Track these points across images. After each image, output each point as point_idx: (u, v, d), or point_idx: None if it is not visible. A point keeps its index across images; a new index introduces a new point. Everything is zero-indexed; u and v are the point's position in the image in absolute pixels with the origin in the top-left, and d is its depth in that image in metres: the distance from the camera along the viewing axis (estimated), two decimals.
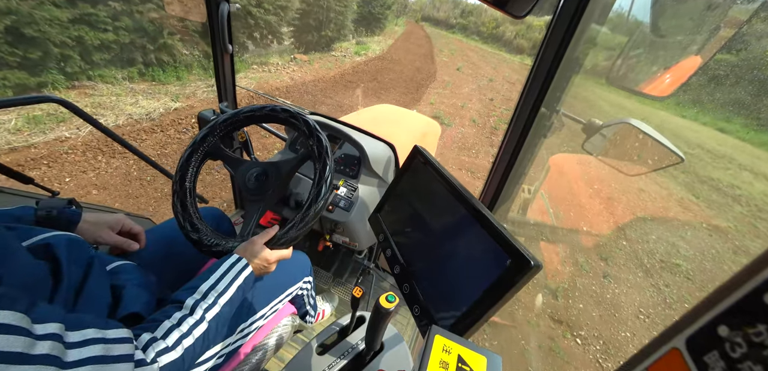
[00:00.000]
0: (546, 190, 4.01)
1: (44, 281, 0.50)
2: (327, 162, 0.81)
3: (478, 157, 5.40)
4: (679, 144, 6.70)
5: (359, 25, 14.78)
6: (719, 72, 8.69)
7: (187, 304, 0.59)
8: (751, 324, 0.19)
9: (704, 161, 6.27)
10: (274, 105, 0.91)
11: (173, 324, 0.55)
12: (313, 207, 0.78)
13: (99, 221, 0.76)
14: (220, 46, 1.40)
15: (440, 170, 0.72)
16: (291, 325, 1.07)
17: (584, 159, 4.90)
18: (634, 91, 1.00)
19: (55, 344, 0.37)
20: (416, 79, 9.98)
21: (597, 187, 4.66)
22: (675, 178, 5.39)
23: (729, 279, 0.21)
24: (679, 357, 0.23)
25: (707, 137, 7.83)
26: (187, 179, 0.87)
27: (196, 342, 0.56)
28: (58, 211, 0.71)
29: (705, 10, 0.86)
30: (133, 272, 0.69)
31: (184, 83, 6.13)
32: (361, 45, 12.90)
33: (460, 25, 24.83)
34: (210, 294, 0.62)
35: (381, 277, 1.73)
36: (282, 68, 8.31)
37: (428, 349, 0.44)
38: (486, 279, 0.54)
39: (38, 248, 0.55)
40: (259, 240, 0.76)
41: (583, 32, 0.83)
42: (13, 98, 1.07)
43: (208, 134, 0.91)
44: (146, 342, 0.51)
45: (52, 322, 0.38)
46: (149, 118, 4.70)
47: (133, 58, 5.72)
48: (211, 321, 0.60)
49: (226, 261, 0.69)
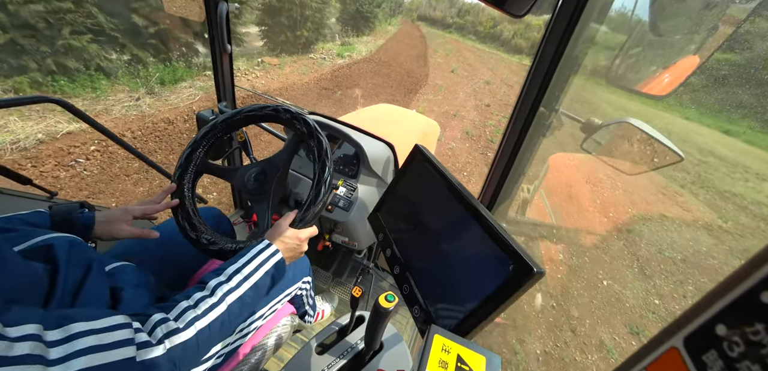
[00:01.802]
0: (545, 189, 4.01)
1: (38, 285, 0.49)
2: (321, 139, 0.83)
3: (470, 180, 4.55)
4: (690, 150, 6.30)
5: (346, 25, 13.97)
6: (723, 72, 8.52)
7: (210, 285, 0.58)
8: (749, 323, 0.20)
9: (720, 171, 5.90)
10: (276, 105, 0.91)
11: (189, 305, 0.53)
12: (327, 168, 0.79)
13: (111, 218, 0.76)
14: (219, 46, 1.40)
15: (441, 170, 0.72)
16: (290, 325, 1.07)
17: (585, 158, 4.83)
18: (633, 90, 1.00)
19: (36, 343, 0.36)
20: (405, 83, 9.01)
21: (603, 205, 4.32)
22: (696, 195, 4.97)
23: (726, 279, 0.21)
24: (677, 356, 0.23)
25: (714, 141, 7.54)
26: (186, 179, 0.87)
27: (211, 325, 0.54)
28: (72, 216, 0.71)
29: (703, 9, 0.86)
30: (132, 273, 0.69)
31: (100, 96, 4.76)
32: (346, 46, 11.69)
33: (457, 25, 24.69)
34: (234, 277, 0.61)
35: (380, 277, 1.73)
36: (242, 75, 7.11)
37: (428, 348, 0.44)
38: (488, 284, 0.54)
39: (37, 250, 0.55)
40: (284, 222, 0.75)
41: (582, 31, 0.83)
42: (12, 98, 1.07)
43: (207, 133, 0.91)
44: (156, 321, 0.49)
45: (28, 324, 0.37)
46: (17, 147, 3.31)
47: (24, 65, 4.27)
48: (232, 304, 0.58)
49: (255, 247, 0.67)
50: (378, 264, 1.74)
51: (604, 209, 4.25)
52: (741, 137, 7.82)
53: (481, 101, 8.65)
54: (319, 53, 10.16)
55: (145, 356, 0.45)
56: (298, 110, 0.91)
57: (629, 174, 1.09)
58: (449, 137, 5.97)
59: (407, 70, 10.34)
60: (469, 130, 6.49)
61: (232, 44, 1.44)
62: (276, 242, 0.71)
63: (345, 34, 13.61)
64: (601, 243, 3.60)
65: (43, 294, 0.50)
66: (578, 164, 5.14)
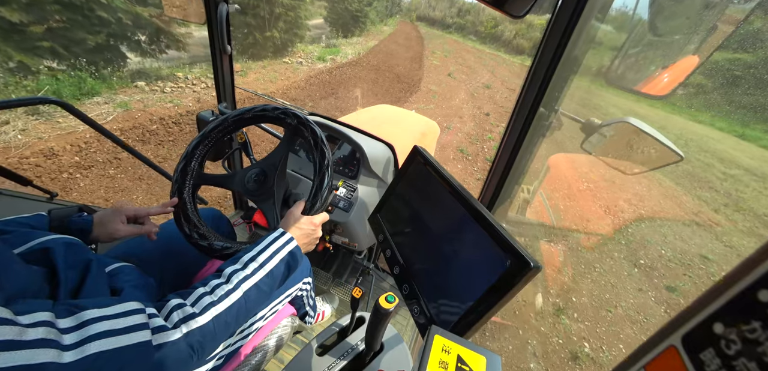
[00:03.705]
0: (545, 190, 4.00)
1: (38, 288, 0.49)
2: (314, 129, 0.83)
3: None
4: (712, 163, 6.02)
5: (335, 25, 13.05)
6: (736, 73, 8.19)
7: (225, 273, 0.58)
8: (746, 321, 0.20)
9: (753, 188, 5.24)
10: (265, 105, 0.92)
11: (205, 291, 0.54)
12: (326, 155, 0.80)
13: (104, 220, 0.76)
14: (219, 47, 1.41)
15: (440, 171, 0.72)
16: (291, 326, 1.07)
17: (586, 159, 4.71)
18: (632, 90, 1.01)
19: (49, 329, 0.36)
20: (393, 90, 8.06)
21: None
22: (735, 224, 4.16)
23: (724, 277, 0.21)
24: (675, 355, 0.23)
25: (732, 147, 7.06)
26: (185, 185, 0.87)
27: (228, 311, 0.54)
28: (70, 221, 0.71)
29: (702, 9, 0.86)
30: (131, 274, 0.69)
31: None
32: (330, 48, 10.73)
33: (457, 25, 24.56)
34: (250, 264, 0.61)
35: (380, 277, 1.73)
36: (187, 85, 5.74)
37: (428, 349, 0.44)
38: (486, 280, 0.54)
39: (35, 252, 0.55)
40: (296, 210, 0.75)
41: (582, 31, 0.83)
42: (12, 99, 1.07)
43: (201, 141, 0.91)
44: (172, 307, 0.49)
45: (40, 312, 0.37)
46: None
47: None
48: (248, 290, 0.58)
49: (270, 235, 0.68)
50: (378, 265, 1.74)
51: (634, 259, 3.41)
52: (758, 142, 7.48)
53: (480, 109, 7.73)
54: (297, 57, 9.07)
55: (162, 340, 0.45)
56: (288, 106, 0.91)
57: (629, 174, 1.09)
58: (439, 156, 4.96)
59: (398, 74, 9.41)
60: (464, 147, 5.47)
61: (231, 45, 1.44)
62: (291, 230, 0.71)
63: (334, 34, 12.75)
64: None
65: (45, 297, 0.50)
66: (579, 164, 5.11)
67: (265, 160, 0.90)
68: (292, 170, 1.43)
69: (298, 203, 0.78)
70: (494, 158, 1.11)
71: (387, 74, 9.23)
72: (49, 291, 0.51)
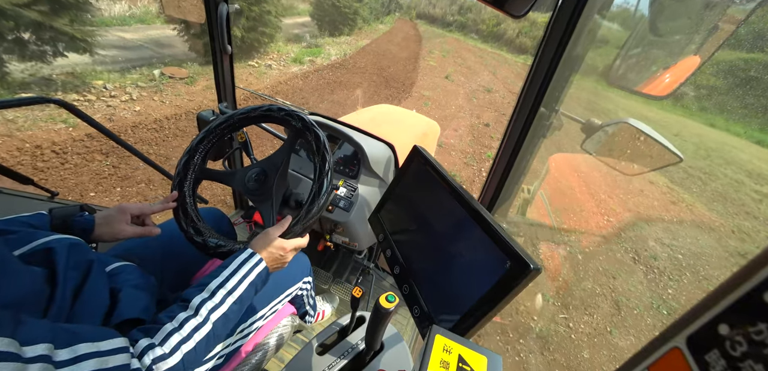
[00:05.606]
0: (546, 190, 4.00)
1: (39, 290, 0.49)
2: (317, 133, 0.83)
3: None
4: (741, 178, 5.78)
5: (321, 23, 11.86)
6: (751, 74, 7.87)
7: (193, 304, 0.57)
8: (752, 322, 0.20)
9: None
10: (270, 105, 0.92)
11: (174, 328, 0.54)
12: (327, 160, 0.79)
13: (109, 220, 0.75)
14: (220, 46, 1.40)
15: (440, 171, 0.72)
16: (291, 325, 1.07)
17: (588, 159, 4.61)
18: (633, 91, 1.00)
19: (45, 366, 0.37)
20: (378, 97, 6.96)
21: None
22: None
23: (729, 278, 0.21)
24: (680, 356, 0.23)
25: (756, 156, 6.66)
26: (186, 179, 0.87)
27: (197, 346, 0.55)
28: (72, 220, 0.71)
29: (703, 9, 0.86)
30: (132, 274, 0.69)
31: None
32: (311, 49, 9.42)
33: (458, 23, 24.11)
34: (218, 292, 0.60)
35: (381, 277, 1.73)
36: (104, 96, 4.34)
37: (429, 349, 0.44)
38: (486, 282, 0.54)
39: (37, 253, 0.55)
40: (274, 231, 0.74)
41: (583, 29, 0.83)
42: (12, 99, 1.07)
43: (205, 136, 0.91)
44: (143, 348, 0.49)
45: (41, 343, 0.39)
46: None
47: None
48: (216, 321, 0.58)
49: (238, 257, 0.67)
50: (378, 265, 1.74)
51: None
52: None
53: (479, 118, 6.71)
54: (267, 59, 7.83)
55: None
56: (293, 108, 0.91)
57: (629, 175, 1.09)
58: None
59: (387, 77, 8.36)
60: (457, 171, 4.54)
61: (231, 45, 1.44)
62: (261, 252, 0.70)
63: (321, 33, 11.62)
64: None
65: (45, 299, 0.50)
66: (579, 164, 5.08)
67: (267, 160, 0.90)
68: (292, 170, 1.43)
69: (281, 222, 0.77)
70: (494, 158, 1.11)
71: (374, 78, 8.19)
72: (49, 292, 0.51)
